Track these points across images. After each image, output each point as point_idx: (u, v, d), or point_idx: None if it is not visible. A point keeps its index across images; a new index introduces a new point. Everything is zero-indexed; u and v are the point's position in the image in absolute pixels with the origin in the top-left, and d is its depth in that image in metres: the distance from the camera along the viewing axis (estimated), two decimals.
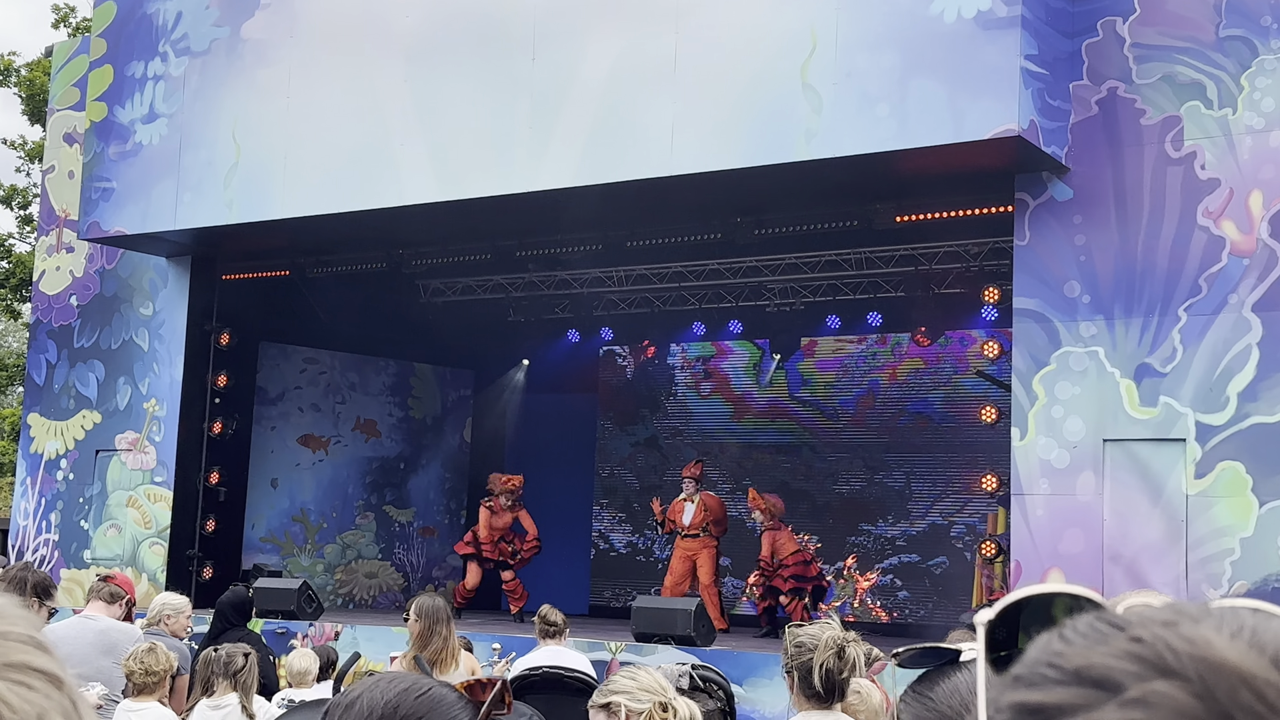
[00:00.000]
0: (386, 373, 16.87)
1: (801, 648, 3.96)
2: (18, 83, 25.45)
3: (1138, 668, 0.62)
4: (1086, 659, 0.64)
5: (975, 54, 9.29)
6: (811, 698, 3.94)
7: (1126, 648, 0.63)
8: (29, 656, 0.76)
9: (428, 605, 6.21)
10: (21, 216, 26.27)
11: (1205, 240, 9.31)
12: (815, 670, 3.88)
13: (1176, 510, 9.25)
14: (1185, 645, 0.62)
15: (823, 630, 3.99)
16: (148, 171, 13.19)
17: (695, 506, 13.46)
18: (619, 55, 10.70)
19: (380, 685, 1.63)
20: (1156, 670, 0.62)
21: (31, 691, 0.75)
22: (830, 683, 3.89)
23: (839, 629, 4.01)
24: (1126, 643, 0.63)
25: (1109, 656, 0.63)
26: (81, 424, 14.75)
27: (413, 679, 1.63)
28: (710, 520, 13.44)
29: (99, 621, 6.68)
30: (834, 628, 4.02)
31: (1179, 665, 0.61)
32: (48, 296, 15.32)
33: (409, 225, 12.74)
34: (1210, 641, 0.62)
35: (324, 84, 12.18)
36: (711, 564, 13.40)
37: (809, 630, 4.03)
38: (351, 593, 16.23)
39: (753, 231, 12.05)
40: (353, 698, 1.62)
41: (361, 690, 1.62)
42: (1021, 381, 9.87)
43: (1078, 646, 0.65)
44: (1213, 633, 0.63)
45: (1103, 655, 0.63)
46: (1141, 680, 0.61)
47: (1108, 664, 0.63)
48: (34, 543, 14.95)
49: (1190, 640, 0.62)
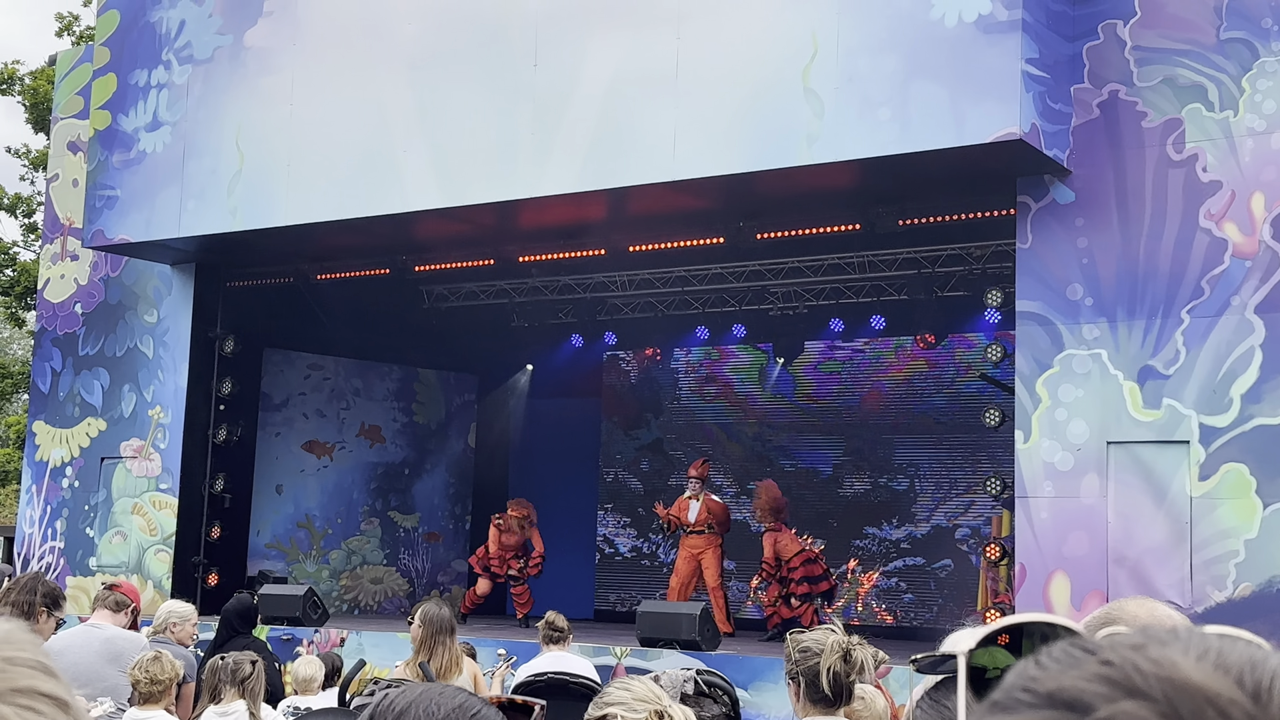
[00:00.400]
0: (391, 378, 16.89)
1: (807, 653, 3.96)
2: (21, 91, 25.50)
3: (1107, 689, 0.64)
4: (1059, 682, 0.66)
5: (976, 57, 9.31)
6: (818, 702, 3.95)
7: (1097, 670, 0.65)
8: (36, 681, 0.77)
9: (431, 612, 6.22)
10: (26, 225, 26.33)
11: (1207, 242, 9.32)
12: (823, 674, 3.89)
13: (1181, 512, 9.26)
14: (1152, 667, 0.64)
15: (826, 635, 4.00)
16: (152, 179, 13.22)
17: (700, 505, 13.48)
18: (621, 61, 10.72)
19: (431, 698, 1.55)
20: (1125, 691, 0.64)
21: (38, 716, 0.76)
22: (838, 686, 3.90)
23: (842, 633, 4.02)
24: (1097, 666, 0.65)
25: (1080, 679, 0.65)
26: (86, 431, 14.77)
27: (464, 696, 1.55)
28: (714, 520, 13.46)
29: (105, 630, 6.69)
30: (837, 632, 4.03)
31: (1146, 686, 0.63)
32: (52, 304, 15.35)
33: (412, 231, 12.77)
34: (1176, 663, 0.64)
35: (327, 91, 12.21)
36: (717, 565, 13.40)
37: (813, 635, 4.04)
38: (357, 599, 16.25)
39: (755, 235, 12.07)
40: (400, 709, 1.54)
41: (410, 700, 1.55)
42: (1025, 384, 9.88)
43: (1051, 671, 0.67)
44: (1179, 655, 0.65)
45: (1074, 678, 0.65)
46: (1111, 701, 0.63)
47: (1079, 686, 0.65)
48: (39, 550, 14.98)
49: (1157, 662, 0.64)
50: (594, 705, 3.45)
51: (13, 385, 27.25)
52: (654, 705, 3.37)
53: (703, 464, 13.98)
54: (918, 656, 1.47)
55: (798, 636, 4.07)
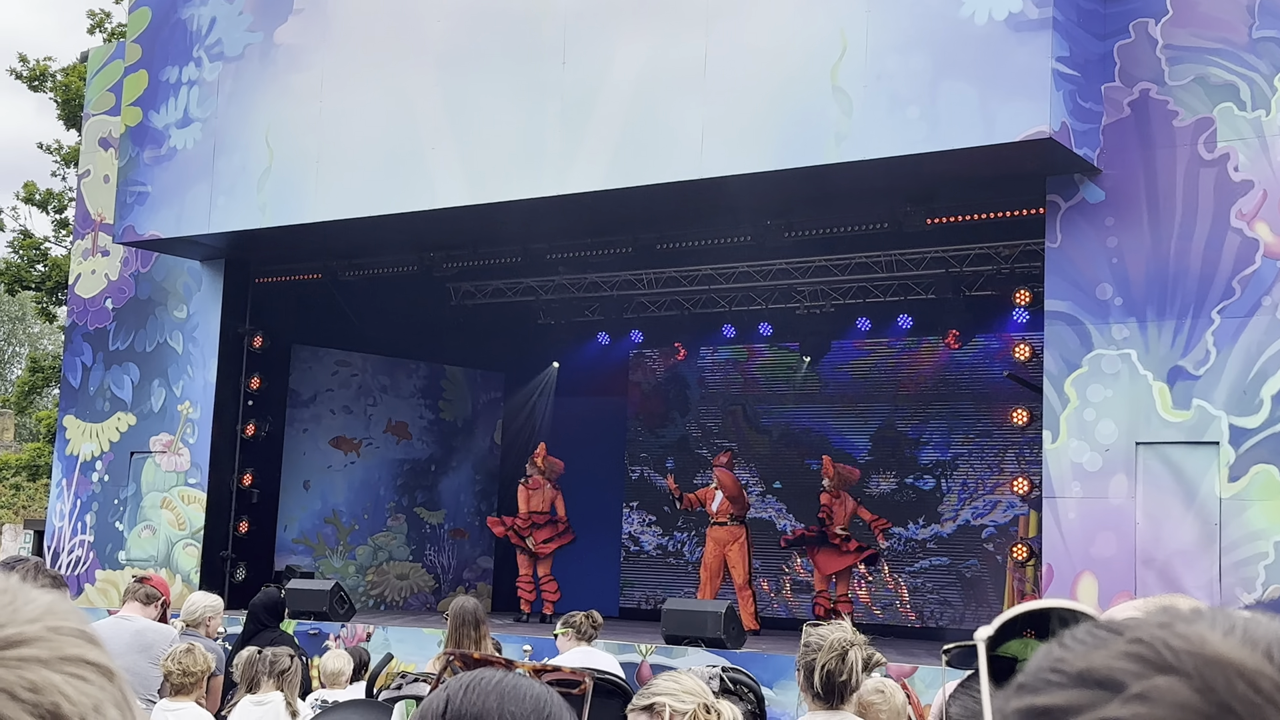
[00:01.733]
0: (417, 375, 16.95)
1: (809, 647, 3.98)
2: (53, 88, 25.69)
3: (1138, 667, 0.64)
4: (1088, 662, 0.66)
5: (1006, 56, 9.27)
6: (815, 698, 3.97)
7: (1126, 649, 0.66)
8: (83, 650, 0.79)
9: (458, 606, 6.26)
10: (57, 220, 26.52)
11: (1239, 242, 9.26)
12: (817, 670, 3.91)
13: (1210, 514, 9.20)
14: (1182, 643, 0.65)
15: (832, 631, 4.01)
16: (182, 176, 13.30)
17: (722, 495, 13.50)
18: (649, 58, 10.72)
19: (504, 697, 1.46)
20: (1156, 668, 0.64)
21: (87, 684, 0.77)
22: (829, 685, 3.91)
23: (849, 631, 4.03)
24: (1125, 644, 0.66)
25: (1109, 658, 0.66)
26: (116, 426, 14.87)
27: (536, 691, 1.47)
28: (732, 501, 13.50)
29: (135, 622, 6.75)
30: (844, 629, 4.04)
31: (1178, 662, 0.64)
32: (83, 300, 15.46)
33: (440, 228, 12.81)
34: (1206, 639, 0.65)
35: (356, 88, 12.25)
36: (744, 562, 13.41)
37: (821, 630, 4.05)
38: (383, 594, 16.31)
39: (783, 234, 12.05)
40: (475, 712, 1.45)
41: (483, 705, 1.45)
42: (1053, 384, 9.84)
43: (1078, 651, 0.67)
44: (1207, 631, 0.65)
45: (1103, 657, 0.66)
46: (1142, 678, 0.64)
47: (1109, 665, 0.65)
48: (69, 544, 15.09)
49: (1186, 638, 0.65)
50: (641, 695, 3.46)
51: (43, 380, 27.45)
52: (701, 699, 3.39)
53: (726, 455, 14.00)
54: (949, 647, 1.48)
55: (809, 628, 4.08)
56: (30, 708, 0.75)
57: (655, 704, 3.39)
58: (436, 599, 16.59)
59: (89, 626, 0.81)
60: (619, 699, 5.41)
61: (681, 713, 3.38)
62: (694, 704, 3.36)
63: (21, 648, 0.76)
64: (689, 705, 3.34)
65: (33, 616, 0.78)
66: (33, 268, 26.22)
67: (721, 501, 13.47)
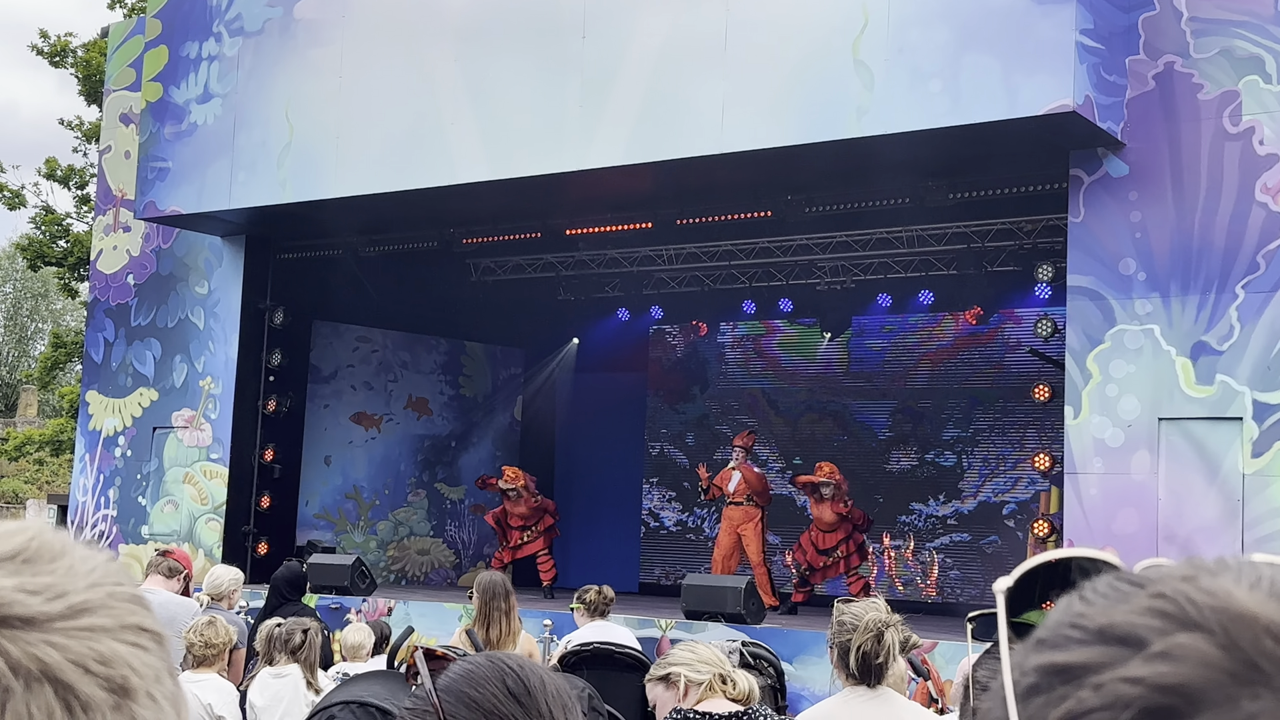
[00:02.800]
0: (438, 351, 16.97)
1: (843, 626, 3.97)
2: (74, 64, 25.74)
3: (1161, 623, 0.63)
4: (1109, 617, 0.64)
5: (1030, 29, 9.20)
6: (850, 677, 3.96)
7: (1148, 604, 0.64)
8: (140, 618, 0.76)
9: (484, 581, 6.27)
10: (79, 196, 26.60)
11: (1264, 216, 9.18)
12: (852, 651, 3.90)
13: (1233, 489, 9.16)
14: (1206, 598, 0.63)
15: (866, 611, 4.00)
16: (203, 151, 13.32)
17: (740, 476, 13.48)
18: (669, 33, 10.67)
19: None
20: (1180, 624, 0.62)
21: (147, 654, 0.75)
22: (865, 665, 3.91)
23: (884, 611, 4.02)
24: (1148, 599, 0.64)
25: (1131, 614, 0.64)
26: (139, 401, 14.94)
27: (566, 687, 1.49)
28: (753, 491, 13.45)
29: (158, 595, 6.79)
30: (879, 609, 4.03)
31: (1201, 618, 0.62)
32: (105, 275, 15.51)
33: (460, 204, 12.80)
34: (1231, 593, 0.63)
35: (376, 63, 12.24)
36: (759, 540, 13.40)
37: (854, 609, 4.04)
38: (404, 569, 16.38)
39: (803, 209, 12.00)
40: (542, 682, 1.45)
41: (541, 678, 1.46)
42: (1075, 360, 9.79)
43: (1099, 606, 0.66)
44: (1232, 584, 0.63)
45: (1125, 613, 0.64)
46: (1165, 634, 0.62)
47: (1130, 621, 0.64)
48: (92, 518, 15.19)
49: (1211, 593, 0.63)
50: (658, 665, 3.47)
51: (66, 355, 27.60)
52: (717, 668, 3.39)
53: (748, 435, 13.97)
54: (974, 615, 1.46)
55: (842, 606, 4.07)
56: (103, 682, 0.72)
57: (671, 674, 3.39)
58: (457, 574, 16.65)
59: (137, 588, 0.80)
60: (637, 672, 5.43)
61: (697, 683, 3.38)
62: (710, 674, 3.36)
63: (87, 616, 0.73)
64: (705, 675, 3.34)
65: (93, 580, 0.75)
66: (55, 244, 26.32)
67: (739, 482, 13.45)
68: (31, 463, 32.32)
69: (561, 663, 7.52)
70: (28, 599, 0.72)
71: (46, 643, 0.71)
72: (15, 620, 0.71)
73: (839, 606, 4.10)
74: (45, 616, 0.72)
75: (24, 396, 41.94)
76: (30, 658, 0.70)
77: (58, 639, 0.72)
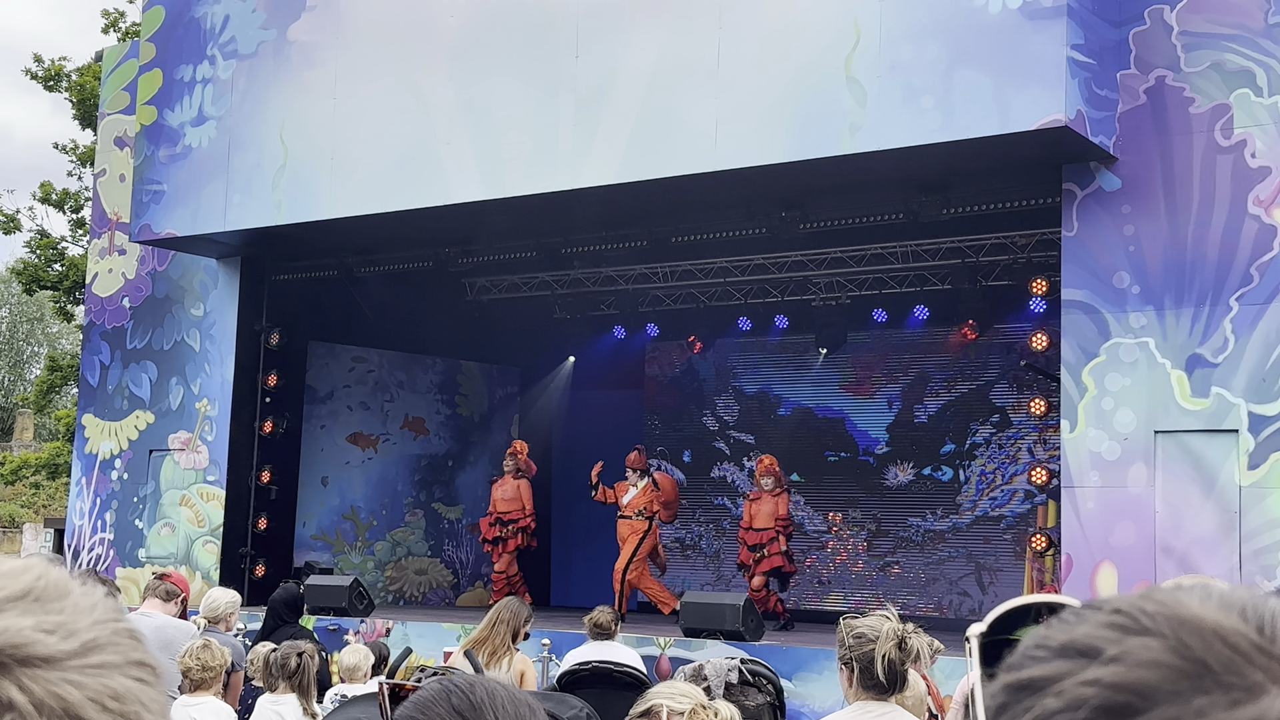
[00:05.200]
0: (434, 371, 16.97)
1: (862, 639, 3.98)
2: (69, 88, 25.77)
3: (1116, 634, 0.67)
4: (1070, 635, 0.69)
5: (1021, 44, 9.23)
6: (871, 688, 3.97)
7: (1106, 619, 0.68)
8: (141, 653, 0.78)
9: (503, 602, 6.32)
10: (74, 220, 26.60)
11: (1256, 229, 9.21)
12: (878, 661, 3.91)
13: (1230, 502, 9.16)
14: (1159, 609, 0.67)
15: (881, 622, 4.02)
16: (197, 174, 13.33)
17: (637, 491, 13.63)
18: (661, 51, 10.71)
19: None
20: (1133, 632, 0.67)
21: (151, 688, 0.77)
22: (892, 673, 3.94)
23: (897, 621, 4.05)
24: (1106, 616, 0.69)
25: (1090, 629, 0.68)
26: (135, 424, 14.93)
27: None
28: (657, 502, 13.57)
29: (155, 618, 6.78)
30: (892, 619, 4.06)
31: (1154, 625, 0.67)
32: (100, 299, 15.51)
33: (455, 224, 12.82)
34: (1182, 603, 0.67)
35: (370, 84, 12.27)
36: (630, 552, 13.53)
37: (867, 621, 4.06)
38: (402, 589, 16.35)
39: (798, 226, 12.03)
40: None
41: None
42: (1071, 373, 9.80)
43: (1061, 628, 0.70)
44: (1184, 596, 0.68)
45: (1084, 630, 0.69)
46: (1119, 643, 0.66)
47: (1089, 634, 0.68)
48: (89, 542, 15.16)
49: (1163, 604, 0.68)
50: (639, 701, 3.48)
51: (62, 379, 27.57)
52: (698, 699, 3.40)
53: (640, 455, 14.05)
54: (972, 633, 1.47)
55: (852, 622, 4.08)
56: (118, 718, 0.74)
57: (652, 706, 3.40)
58: (455, 594, 16.62)
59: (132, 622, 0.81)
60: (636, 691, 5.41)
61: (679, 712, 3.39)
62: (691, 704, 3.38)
63: (96, 653, 0.75)
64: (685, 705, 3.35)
65: (96, 618, 0.77)
66: (50, 267, 26.33)
67: (637, 497, 13.58)
68: (28, 486, 32.27)
69: (560, 682, 7.51)
70: (45, 638, 0.73)
71: (66, 681, 0.73)
72: (36, 660, 0.72)
73: (847, 622, 4.11)
74: (62, 655, 0.73)
75: (20, 420, 41.88)
76: (52, 696, 0.72)
77: (75, 676, 0.73)
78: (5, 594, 0.75)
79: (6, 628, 0.73)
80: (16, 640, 0.72)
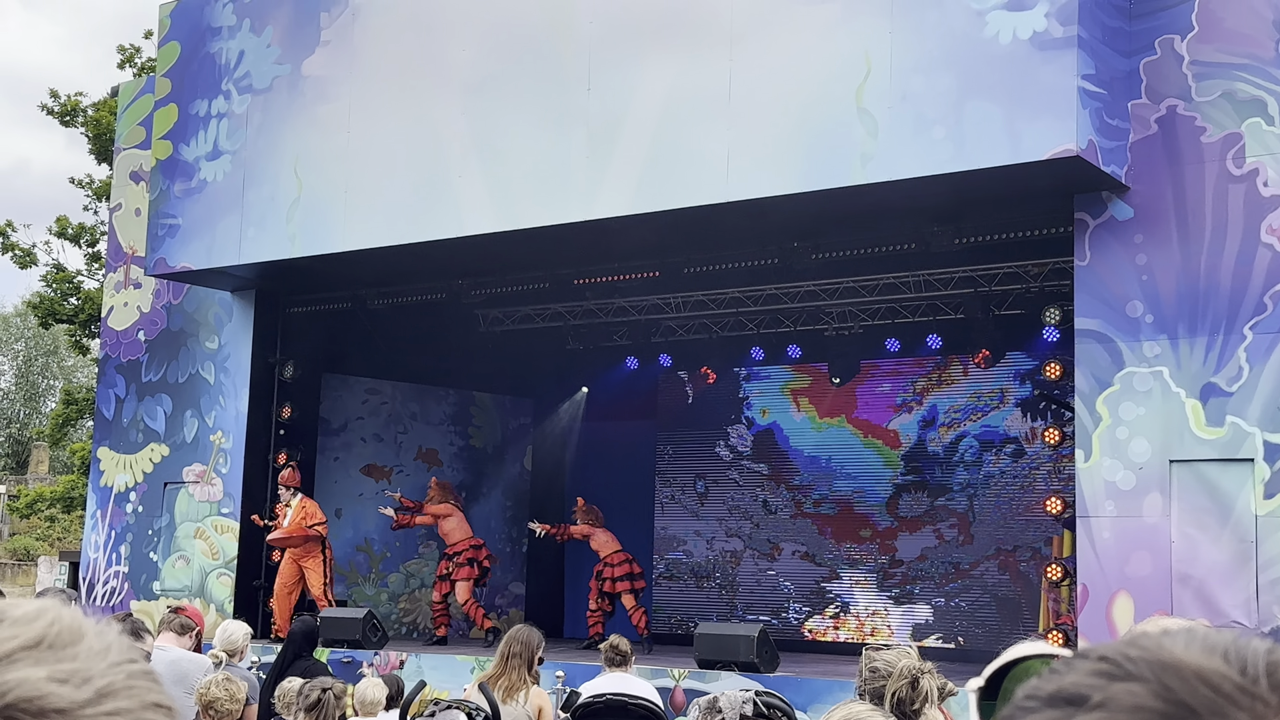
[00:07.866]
0: (447, 402, 16.99)
1: (876, 673, 3.96)
2: (85, 123, 25.97)
3: (1102, 680, 0.69)
4: (1058, 684, 0.71)
5: (1032, 75, 9.26)
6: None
7: (1092, 667, 0.70)
8: (156, 695, 0.79)
9: (511, 634, 6.31)
10: (89, 254, 26.76)
11: (1270, 258, 9.20)
12: (887, 699, 3.88)
13: (1246, 531, 9.12)
14: (1142, 654, 0.69)
15: (899, 658, 3.99)
16: (212, 207, 13.41)
17: (293, 511, 13.75)
18: (673, 83, 10.76)
19: None
20: (1118, 678, 0.68)
21: None
22: (901, 712, 3.89)
23: (916, 658, 4.01)
24: (1092, 664, 0.70)
25: (1077, 677, 0.70)
26: (150, 457, 14.97)
27: None
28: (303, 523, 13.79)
29: (170, 652, 6.78)
30: (911, 656, 4.02)
31: (1137, 670, 0.68)
32: (116, 332, 15.58)
33: (468, 256, 12.87)
34: (1165, 648, 0.69)
35: (383, 118, 12.34)
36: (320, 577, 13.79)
37: (886, 656, 4.03)
38: (415, 621, 16.32)
39: (810, 256, 12.05)
40: None
41: None
42: (1085, 403, 9.79)
43: (1051, 678, 0.72)
44: (1168, 641, 0.70)
45: (1072, 678, 0.70)
46: (1103, 689, 0.68)
47: (1076, 682, 0.70)
48: (104, 575, 15.17)
49: (1146, 649, 0.69)
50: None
51: (77, 412, 27.66)
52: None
53: (293, 473, 14.05)
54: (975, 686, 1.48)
55: (872, 654, 4.06)
56: None
57: None
58: (468, 626, 16.59)
59: (146, 663, 0.82)
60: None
61: None
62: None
63: (111, 700, 0.75)
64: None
65: (111, 661, 0.77)
66: (65, 301, 26.46)
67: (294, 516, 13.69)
68: (43, 520, 32.34)
69: (575, 715, 7.49)
70: (59, 689, 0.73)
71: None
72: (51, 713, 0.73)
73: (868, 654, 4.08)
74: (76, 705, 0.73)
75: (35, 454, 42.01)
76: None
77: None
78: (19, 643, 0.75)
79: (22, 680, 0.73)
80: (30, 694, 0.72)
